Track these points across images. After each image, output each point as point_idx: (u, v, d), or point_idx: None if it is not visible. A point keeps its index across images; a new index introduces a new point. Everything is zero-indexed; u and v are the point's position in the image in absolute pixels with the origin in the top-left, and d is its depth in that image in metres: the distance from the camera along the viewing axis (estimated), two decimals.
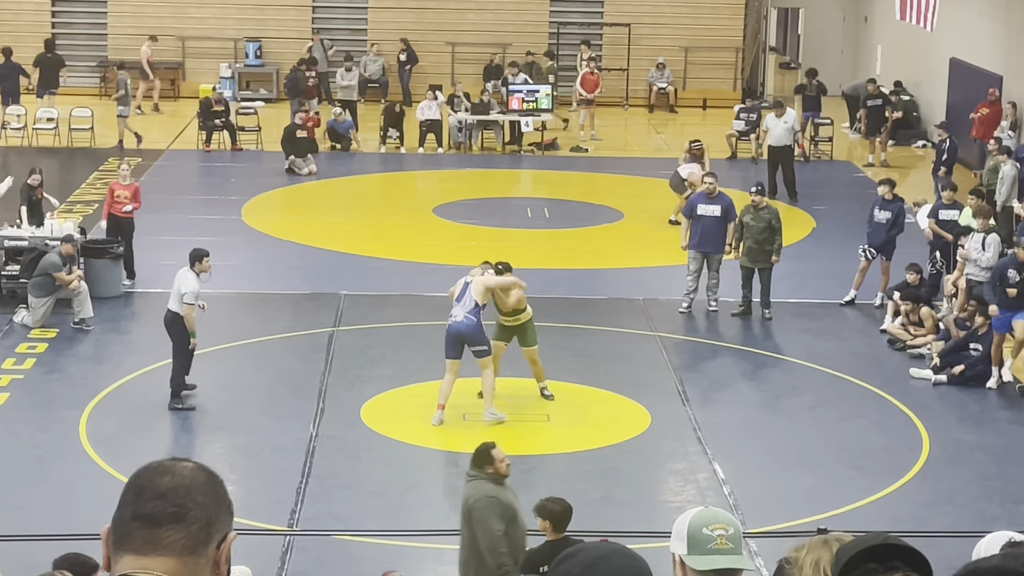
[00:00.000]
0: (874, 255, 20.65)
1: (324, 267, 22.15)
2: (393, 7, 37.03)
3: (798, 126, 28.44)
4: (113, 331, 19.17)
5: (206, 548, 2.87)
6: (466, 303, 15.80)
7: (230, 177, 28.67)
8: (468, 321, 15.74)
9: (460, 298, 15.89)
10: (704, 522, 3.80)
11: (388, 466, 15.05)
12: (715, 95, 37.41)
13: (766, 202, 20.48)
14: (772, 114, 27.86)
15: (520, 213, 26.09)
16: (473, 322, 15.75)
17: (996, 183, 23.69)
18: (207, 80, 35.29)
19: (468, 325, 15.74)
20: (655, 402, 16.82)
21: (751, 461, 15.49)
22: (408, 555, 13.04)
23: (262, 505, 13.72)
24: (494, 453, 11.05)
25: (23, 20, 36.31)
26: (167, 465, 2.93)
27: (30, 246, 20.04)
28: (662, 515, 13.69)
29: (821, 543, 4.31)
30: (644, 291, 21.15)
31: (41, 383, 17.10)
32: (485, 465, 11.01)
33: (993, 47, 29.97)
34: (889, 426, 16.45)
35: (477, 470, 11.04)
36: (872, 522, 13.26)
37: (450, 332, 15.83)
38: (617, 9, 37.14)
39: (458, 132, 31.53)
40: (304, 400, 16.64)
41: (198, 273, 16.34)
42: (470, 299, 15.80)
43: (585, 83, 33.28)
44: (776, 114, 27.58)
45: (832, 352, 18.77)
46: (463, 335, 15.77)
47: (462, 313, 15.79)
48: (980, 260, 19.18)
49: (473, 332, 15.75)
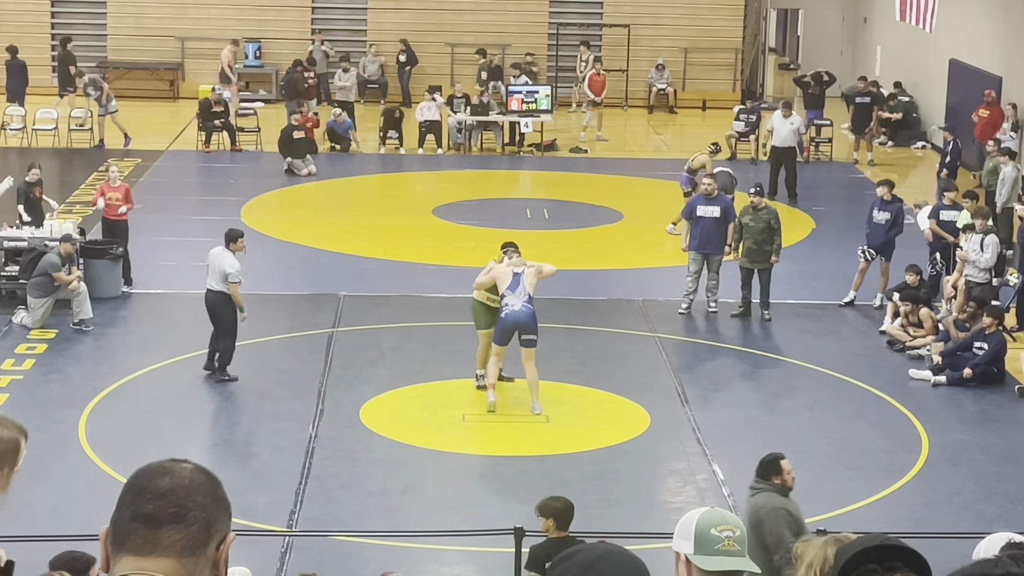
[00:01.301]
0: (873, 256, 20.65)
1: (323, 268, 22.15)
2: (392, 8, 37.04)
3: (804, 128, 28.42)
4: (112, 332, 19.16)
5: (205, 549, 2.87)
6: (520, 293, 16.16)
7: (229, 178, 28.68)
8: (526, 310, 16.12)
9: (514, 288, 16.16)
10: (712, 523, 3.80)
11: (387, 467, 15.05)
12: (714, 96, 37.42)
13: (765, 203, 20.49)
14: (779, 113, 27.80)
15: (519, 214, 26.08)
16: (531, 310, 16.17)
17: (995, 184, 23.71)
18: (206, 81, 35.28)
19: (527, 313, 16.10)
20: (654, 403, 16.82)
21: (750, 462, 15.37)
22: (407, 556, 13.03)
23: (261, 506, 13.72)
24: (783, 464, 10.71)
25: (23, 21, 36.32)
26: (166, 466, 2.93)
27: (29, 246, 20.03)
28: (662, 516, 13.70)
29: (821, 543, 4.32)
30: (643, 292, 21.16)
31: (40, 384, 17.09)
32: (772, 476, 10.68)
33: (993, 48, 29.96)
34: (888, 427, 16.46)
35: (763, 481, 10.69)
36: (871, 523, 13.25)
37: (508, 321, 16.09)
38: (616, 10, 37.15)
39: (457, 133, 31.54)
40: (303, 401, 16.64)
41: (234, 252, 16.96)
42: (524, 289, 16.18)
43: (593, 85, 33.30)
44: (783, 114, 27.56)
45: (831, 353, 18.77)
46: (520, 324, 16.09)
47: (519, 303, 16.12)
48: (979, 261, 19.18)
49: (531, 321, 16.12)
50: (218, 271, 16.91)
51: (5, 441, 6.25)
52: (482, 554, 12.88)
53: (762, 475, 10.73)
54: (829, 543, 4.58)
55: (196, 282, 21.07)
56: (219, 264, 16.91)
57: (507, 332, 16.18)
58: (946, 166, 26.06)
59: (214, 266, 16.96)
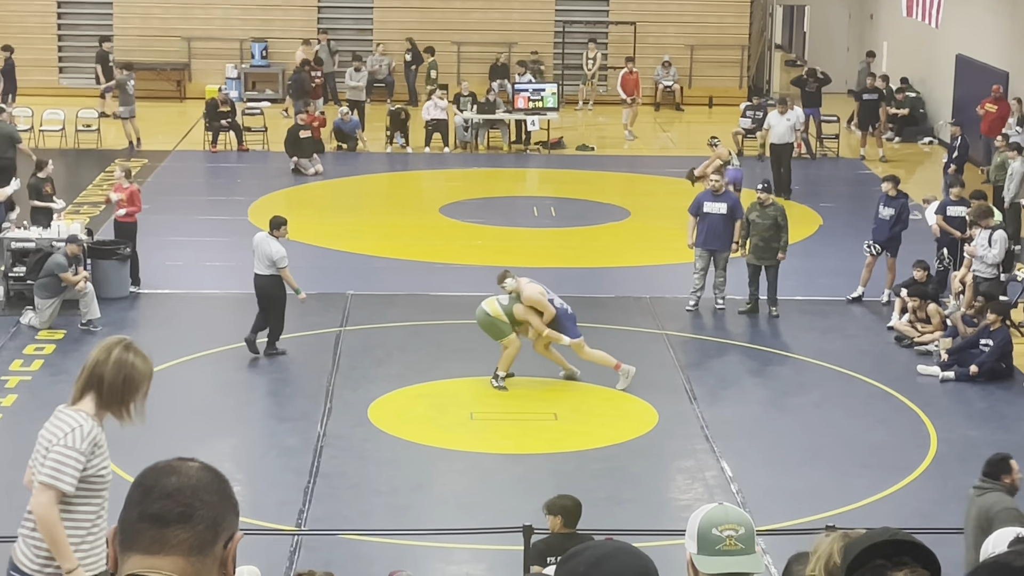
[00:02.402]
0: (879, 251, 20.63)
1: (330, 267, 22.15)
2: (398, 7, 37.03)
3: (801, 124, 28.37)
4: (120, 332, 19.04)
5: (213, 548, 2.87)
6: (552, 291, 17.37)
7: (236, 178, 28.69)
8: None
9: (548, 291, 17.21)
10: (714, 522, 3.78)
11: (395, 466, 15.05)
12: (721, 93, 37.39)
13: (772, 199, 20.48)
14: (775, 111, 27.82)
15: (526, 212, 26.08)
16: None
17: (1003, 179, 23.67)
18: (213, 81, 35.31)
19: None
20: (662, 400, 16.81)
21: (758, 459, 15.48)
22: (415, 554, 13.03)
23: (270, 505, 13.73)
24: (1012, 463, 10.65)
25: (30, 22, 36.35)
26: (174, 465, 2.93)
27: (36, 247, 20.03)
28: (670, 513, 13.70)
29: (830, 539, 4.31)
30: (651, 289, 21.14)
31: (48, 384, 17.08)
32: (1002, 475, 10.61)
33: (999, 43, 29.93)
34: (896, 423, 16.44)
35: (992, 480, 10.61)
36: (880, 519, 13.22)
37: (574, 314, 17.27)
38: (623, 7, 37.13)
39: (464, 131, 31.53)
40: (311, 400, 16.65)
41: (277, 239, 17.84)
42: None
43: (625, 84, 33.35)
44: (780, 111, 27.55)
45: (839, 349, 18.75)
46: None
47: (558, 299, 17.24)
48: (987, 257, 19.15)
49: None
50: (264, 256, 17.75)
51: (142, 371, 6.50)
52: (490, 552, 12.88)
53: (990, 474, 10.67)
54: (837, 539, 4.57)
55: (204, 282, 21.15)
56: (265, 250, 17.76)
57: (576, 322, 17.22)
58: (953, 161, 26.04)
59: (259, 252, 17.84)
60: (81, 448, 6.66)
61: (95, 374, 6.71)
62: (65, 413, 6.79)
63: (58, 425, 6.77)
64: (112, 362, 6.69)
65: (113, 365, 6.68)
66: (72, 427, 6.69)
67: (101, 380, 6.69)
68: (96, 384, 6.70)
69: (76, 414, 6.73)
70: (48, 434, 6.78)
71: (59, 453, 6.65)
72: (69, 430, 6.68)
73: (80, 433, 6.67)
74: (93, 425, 6.72)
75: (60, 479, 6.65)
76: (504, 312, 16.90)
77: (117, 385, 6.68)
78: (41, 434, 6.85)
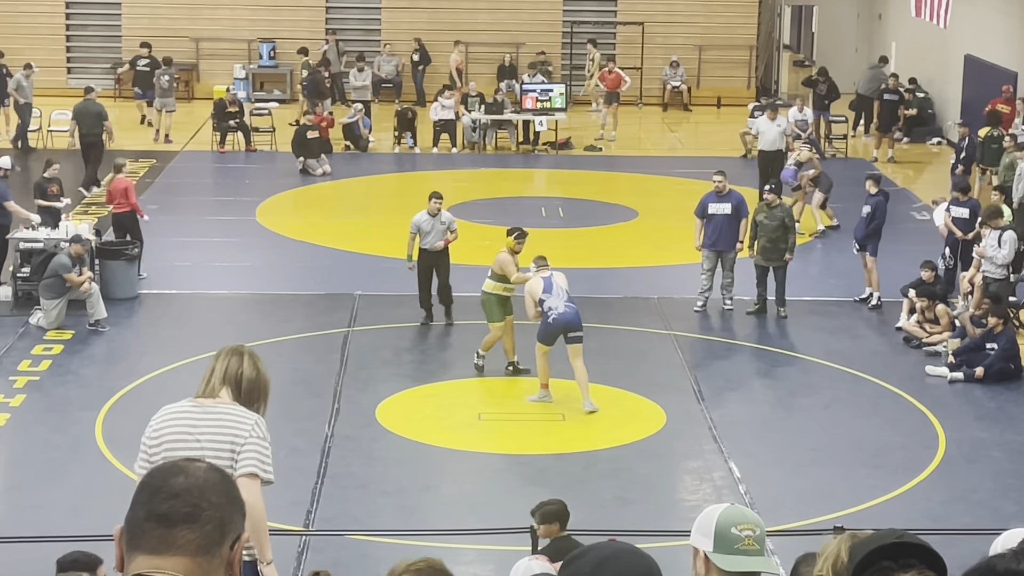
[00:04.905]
0: (858, 249, 20.66)
1: (338, 267, 22.16)
2: (406, 7, 37.05)
3: (790, 130, 27.93)
4: (128, 332, 19.19)
5: (220, 548, 2.87)
6: (559, 294, 16.41)
7: (244, 178, 28.71)
8: (570, 309, 16.37)
9: (549, 291, 16.38)
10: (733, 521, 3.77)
11: (403, 466, 15.05)
12: (729, 93, 37.36)
13: (779, 201, 20.46)
14: (764, 117, 27.47)
15: (534, 212, 26.07)
16: (575, 309, 16.44)
17: (1012, 180, 23.63)
18: (221, 81, 35.34)
19: (573, 312, 16.36)
20: (670, 401, 16.80)
21: (766, 459, 15.47)
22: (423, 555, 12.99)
23: (278, 505, 13.71)
24: None
25: (38, 22, 36.41)
26: (181, 465, 2.93)
27: (42, 248, 20.02)
28: (678, 514, 13.68)
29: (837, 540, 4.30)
30: (659, 290, 21.13)
31: (57, 384, 17.12)
32: None
33: (1008, 43, 29.89)
34: (905, 424, 16.42)
35: None
36: (888, 520, 13.21)
37: (557, 324, 16.27)
38: (631, 8, 37.12)
39: (472, 132, 31.54)
40: (319, 401, 16.65)
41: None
42: (560, 290, 16.44)
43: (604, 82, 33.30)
44: (769, 117, 27.20)
45: (847, 350, 18.73)
46: (569, 324, 16.30)
47: (561, 304, 16.36)
48: (996, 257, 19.13)
49: (577, 319, 16.37)
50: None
51: (264, 378, 6.53)
52: (498, 553, 12.87)
53: None
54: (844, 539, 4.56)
55: (212, 282, 21.15)
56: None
57: (554, 334, 16.34)
58: (961, 162, 26.00)
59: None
60: (268, 438, 6.78)
61: (230, 372, 6.75)
62: (228, 406, 6.71)
63: (235, 418, 6.67)
64: (247, 363, 6.76)
65: (249, 364, 6.75)
66: (254, 419, 6.74)
67: (239, 377, 6.74)
68: (234, 382, 6.73)
69: (238, 407, 6.73)
70: (221, 424, 6.62)
71: (257, 444, 6.69)
72: (253, 422, 6.72)
73: (264, 424, 6.78)
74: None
75: (265, 470, 6.78)
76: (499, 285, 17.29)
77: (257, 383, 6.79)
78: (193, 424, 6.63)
